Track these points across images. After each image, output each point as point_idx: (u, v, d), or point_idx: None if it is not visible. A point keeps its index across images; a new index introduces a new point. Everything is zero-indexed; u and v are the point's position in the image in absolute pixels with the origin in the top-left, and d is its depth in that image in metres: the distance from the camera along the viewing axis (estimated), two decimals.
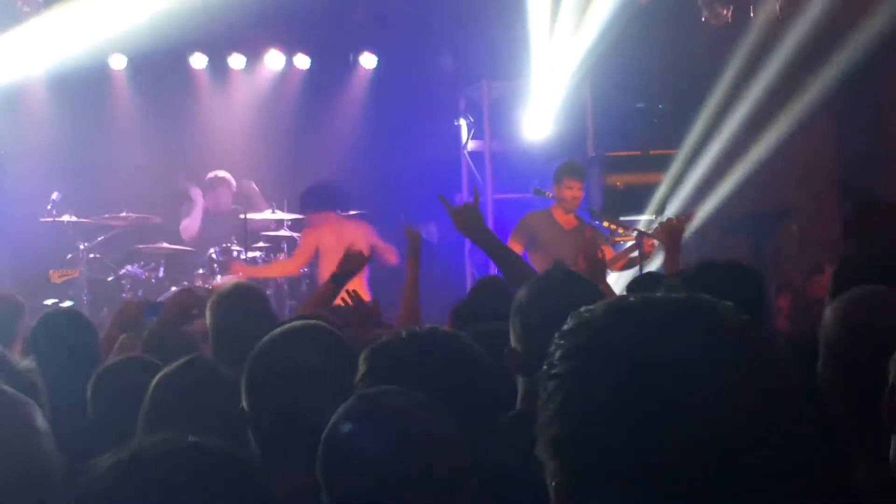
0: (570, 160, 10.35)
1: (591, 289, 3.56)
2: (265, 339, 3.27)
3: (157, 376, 3.63)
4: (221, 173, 12.67)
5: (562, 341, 1.48)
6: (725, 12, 11.62)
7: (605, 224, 10.30)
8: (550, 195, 10.02)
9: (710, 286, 2.63)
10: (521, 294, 3.49)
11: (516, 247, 9.65)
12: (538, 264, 8.87)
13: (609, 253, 9.46)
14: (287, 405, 3.07)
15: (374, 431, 2.42)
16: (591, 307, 1.50)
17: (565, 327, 1.49)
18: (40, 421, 1.86)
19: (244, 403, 3.15)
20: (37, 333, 5.28)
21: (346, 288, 6.51)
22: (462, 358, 3.01)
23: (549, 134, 12.64)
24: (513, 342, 3.42)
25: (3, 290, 8.86)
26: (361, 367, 2.97)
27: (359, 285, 10.31)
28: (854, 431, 2.92)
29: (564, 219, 10.01)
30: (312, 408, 2.76)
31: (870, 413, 2.65)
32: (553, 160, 11.08)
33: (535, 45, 12.32)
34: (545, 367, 1.49)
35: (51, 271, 10.50)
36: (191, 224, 12.51)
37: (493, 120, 12.82)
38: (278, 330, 3.35)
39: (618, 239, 10.52)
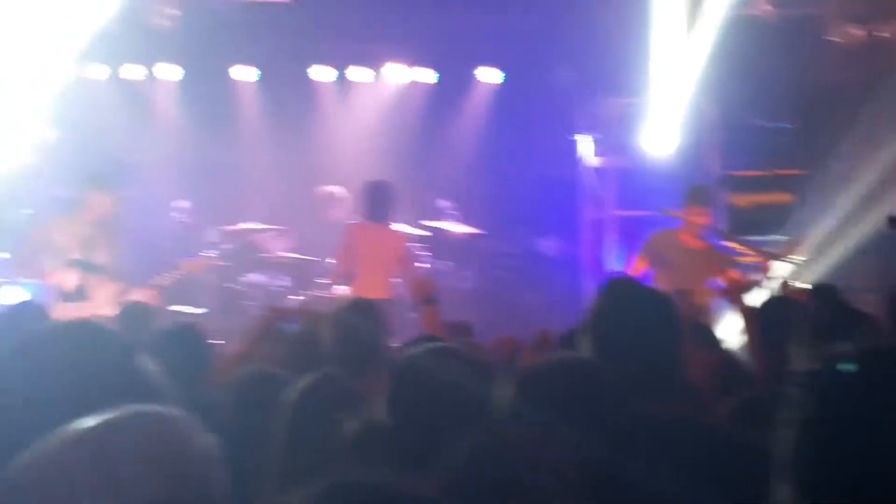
0: (698, 185, 10.25)
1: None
2: (411, 355, 3.37)
3: (294, 390, 3.71)
4: (334, 189, 12.81)
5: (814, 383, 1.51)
6: (856, 31, 11.45)
7: (731, 244, 10.22)
8: (677, 215, 9.94)
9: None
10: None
11: (642, 265, 9.65)
12: (664, 284, 8.85)
13: (733, 275, 9.37)
14: (429, 419, 3.16)
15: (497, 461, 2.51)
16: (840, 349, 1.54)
17: (815, 368, 1.53)
18: (203, 440, 1.91)
19: (388, 414, 3.23)
20: (156, 343, 5.37)
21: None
22: (606, 389, 3.05)
23: (673, 151, 12.56)
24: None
25: (135, 297, 9.10)
26: (512, 392, 3.02)
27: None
28: None
29: (691, 240, 9.92)
30: (452, 424, 2.85)
31: None
32: (676, 178, 11.05)
33: (660, 61, 12.26)
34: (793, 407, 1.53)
35: (180, 261, 10.63)
36: None
37: (616, 136, 12.79)
38: (424, 348, 3.43)
39: (743, 259, 10.42)
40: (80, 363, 2.39)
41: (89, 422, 1.87)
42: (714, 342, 5.82)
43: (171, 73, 13.79)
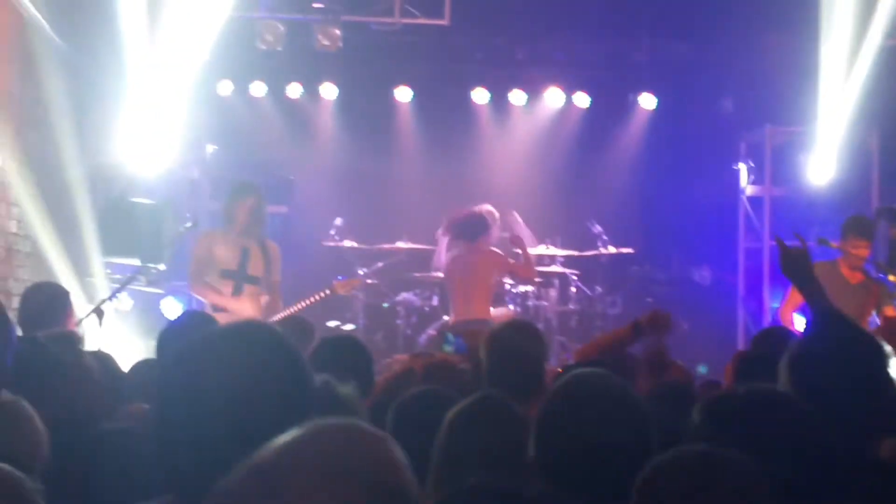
0: (858, 216, 9.98)
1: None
2: (563, 382, 3.34)
3: (452, 411, 3.73)
4: (486, 207, 12.82)
5: None
6: None
7: (892, 278, 9.96)
8: (836, 246, 9.73)
9: None
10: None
11: (797, 298, 9.45)
12: None
13: (891, 312, 9.15)
14: (580, 447, 3.14)
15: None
16: None
17: None
18: (400, 455, 1.90)
19: (533, 438, 3.22)
20: (317, 356, 5.42)
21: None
22: (800, 422, 3.00)
23: (832, 181, 12.34)
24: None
25: (295, 315, 9.26)
26: (696, 418, 3.00)
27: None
28: None
29: (850, 273, 9.68)
30: (603, 453, 2.85)
31: None
32: (836, 208, 10.84)
33: (822, 90, 12.06)
34: None
35: (335, 282, 10.81)
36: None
37: (775, 165, 12.61)
38: (575, 374, 3.40)
39: None
40: (260, 365, 2.35)
41: (297, 434, 1.85)
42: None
43: (330, 92, 14.04)
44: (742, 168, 13.03)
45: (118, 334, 9.60)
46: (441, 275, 12.47)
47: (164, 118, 11.43)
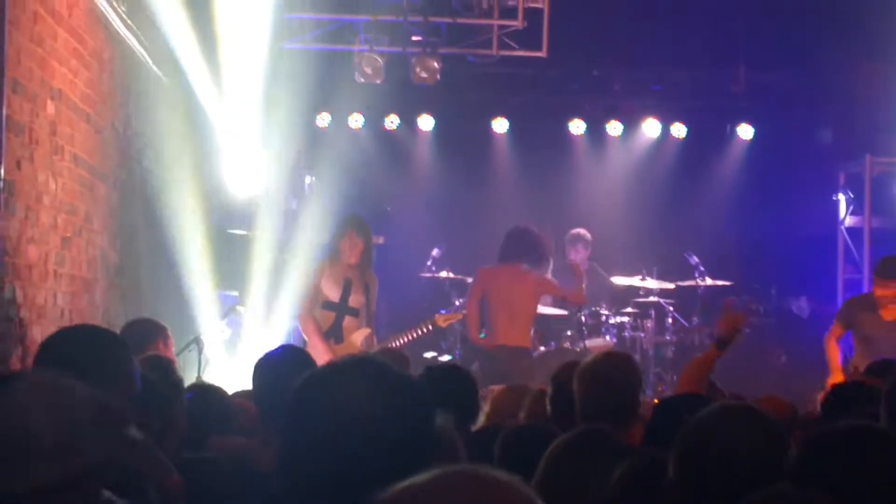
0: (888, 258, 9.94)
1: None
2: (698, 419, 3.28)
3: (554, 444, 3.75)
4: (577, 230, 12.88)
5: None
6: None
7: None
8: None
9: None
10: None
11: (838, 330, 9.71)
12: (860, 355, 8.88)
13: None
14: (717, 482, 3.11)
15: None
16: None
17: None
18: (534, 498, 1.89)
19: (672, 473, 3.17)
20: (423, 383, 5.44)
21: None
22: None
23: None
24: None
25: (392, 347, 9.34)
26: (793, 452, 2.99)
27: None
28: None
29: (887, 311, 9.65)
30: (735, 487, 2.84)
31: None
32: None
33: None
34: None
35: (437, 315, 10.89)
36: None
37: (874, 196, 12.46)
38: (708, 412, 3.35)
39: None
40: (378, 401, 2.32)
41: (432, 476, 1.80)
42: None
43: (427, 123, 14.18)
44: (841, 199, 12.89)
45: (220, 363, 9.75)
46: (543, 309, 12.48)
47: (264, 149, 11.62)
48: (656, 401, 5.81)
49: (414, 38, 11.99)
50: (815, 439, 3.03)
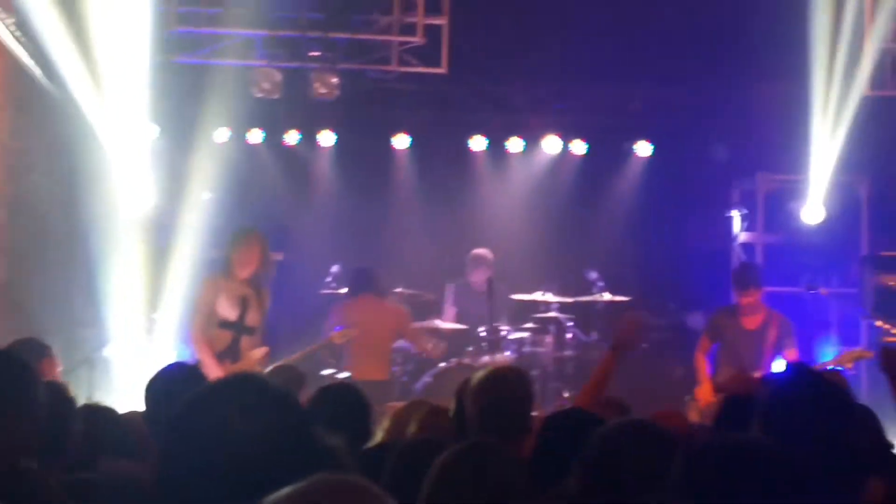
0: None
1: None
2: (602, 432, 3.31)
3: (439, 459, 3.75)
4: (480, 251, 12.98)
5: None
6: None
7: (879, 324, 10.13)
8: (825, 292, 9.97)
9: None
10: None
11: (705, 343, 10.61)
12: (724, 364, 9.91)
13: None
14: (617, 496, 3.15)
15: None
16: None
17: None
18: None
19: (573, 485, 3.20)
20: (314, 406, 5.42)
21: None
22: (783, 472, 3.00)
23: (822, 228, 12.42)
24: None
25: (284, 362, 9.27)
26: (676, 467, 3.03)
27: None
28: None
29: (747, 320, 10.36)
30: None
31: None
32: (826, 255, 10.97)
33: (812, 138, 12.15)
34: None
35: (333, 333, 10.93)
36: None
37: (767, 212, 12.66)
38: (608, 428, 3.38)
39: (890, 339, 10.30)
40: (256, 420, 2.35)
41: (300, 487, 1.88)
42: None
43: (328, 139, 14.13)
44: (735, 215, 13.07)
45: (112, 382, 9.62)
46: (442, 324, 12.55)
47: (157, 165, 11.52)
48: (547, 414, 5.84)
49: (312, 54, 11.96)
50: (693, 454, 3.06)
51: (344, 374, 11.74)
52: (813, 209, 12.32)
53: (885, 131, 12.10)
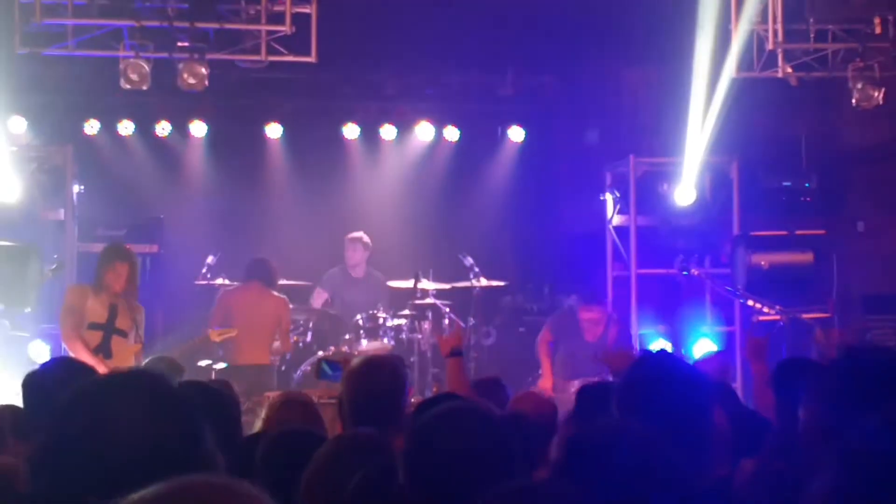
0: None
1: None
2: (426, 418, 3.34)
3: (319, 449, 3.76)
4: (356, 233, 13.04)
5: None
6: (877, 94, 11.51)
7: (749, 303, 10.36)
8: (697, 273, 10.15)
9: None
10: None
11: (548, 335, 11.47)
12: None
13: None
14: (446, 483, 3.18)
15: None
16: None
17: None
18: None
19: (402, 475, 3.23)
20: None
21: None
22: (648, 456, 3.10)
23: (694, 210, 12.62)
24: None
25: (163, 352, 9.23)
26: (555, 453, 3.10)
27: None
28: None
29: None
30: (469, 487, 2.92)
31: None
32: (698, 237, 11.19)
33: (683, 121, 12.34)
34: None
35: (209, 331, 10.87)
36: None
37: (639, 195, 12.82)
38: (438, 411, 3.40)
39: (762, 318, 10.56)
40: (142, 416, 2.34)
41: (164, 487, 1.86)
42: None
43: (199, 129, 14.01)
44: (608, 198, 13.21)
45: None
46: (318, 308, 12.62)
47: (27, 158, 11.33)
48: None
49: (180, 44, 11.81)
50: (575, 440, 3.15)
51: (220, 365, 11.68)
52: (684, 191, 12.51)
53: (753, 112, 12.33)
